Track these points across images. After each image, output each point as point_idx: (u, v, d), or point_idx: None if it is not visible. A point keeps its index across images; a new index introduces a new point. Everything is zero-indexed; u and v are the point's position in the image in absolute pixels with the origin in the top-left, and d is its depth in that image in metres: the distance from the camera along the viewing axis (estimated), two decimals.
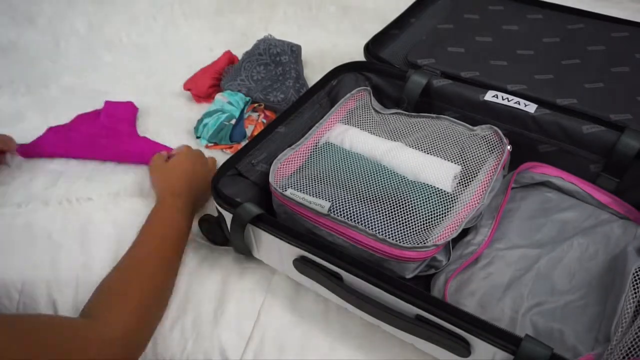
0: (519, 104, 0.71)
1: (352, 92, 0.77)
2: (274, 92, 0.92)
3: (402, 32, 0.90)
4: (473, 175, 0.65)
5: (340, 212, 0.60)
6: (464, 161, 0.67)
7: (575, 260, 0.63)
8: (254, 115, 0.90)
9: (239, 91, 0.92)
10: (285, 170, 0.68)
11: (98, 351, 0.54)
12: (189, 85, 0.97)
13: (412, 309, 0.50)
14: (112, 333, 0.56)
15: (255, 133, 0.86)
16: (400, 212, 0.60)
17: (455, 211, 0.61)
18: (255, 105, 0.92)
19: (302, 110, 0.75)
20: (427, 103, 0.77)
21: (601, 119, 0.68)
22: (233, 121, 0.86)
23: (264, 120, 0.90)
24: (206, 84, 0.96)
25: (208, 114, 0.88)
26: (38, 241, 0.73)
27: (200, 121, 0.88)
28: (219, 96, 0.91)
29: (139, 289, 0.61)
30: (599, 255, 0.63)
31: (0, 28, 1.13)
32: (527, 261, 0.63)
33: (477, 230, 0.67)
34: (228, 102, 0.89)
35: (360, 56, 0.83)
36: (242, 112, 0.88)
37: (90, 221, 0.75)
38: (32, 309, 0.70)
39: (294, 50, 0.98)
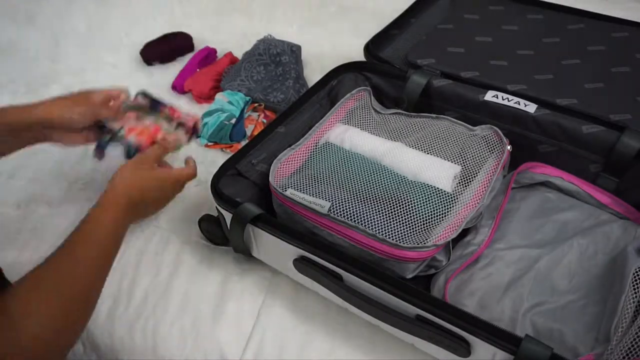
0: (519, 104, 0.71)
1: (352, 92, 0.77)
2: (274, 92, 0.92)
3: (402, 32, 0.90)
4: (473, 175, 0.65)
5: (340, 212, 0.60)
6: (464, 161, 0.67)
7: (575, 260, 0.63)
8: (254, 115, 0.90)
9: (239, 91, 0.92)
10: (285, 170, 0.68)
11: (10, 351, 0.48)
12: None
13: (412, 309, 0.50)
14: (34, 330, 0.51)
15: (255, 133, 0.86)
16: (401, 212, 0.60)
17: (455, 211, 0.61)
18: (255, 105, 0.92)
19: (302, 110, 0.75)
20: (427, 103, 0.77)
21: (601, 119, 0.68)
22: (233, 120, 0.86)
23: (264, 120, 0.90)
24: (208, 86, 0.96)
25: (208, 113, 0.88)
26: (38, 241, 0.73)
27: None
28: (219, 95, 0.91)
29: (70, 290, 0.56)
30: (599, 256, 0.63)
31: (0, 28, 1.13)
32: (527, 261, 0.63)
33: (477, 230, 0.67)
34: (228, 101, 0.89)
35: (360, 56, 0.83)
36: (242, 111, 0.88)
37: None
38: None
39: (294, 51, 0.98)
